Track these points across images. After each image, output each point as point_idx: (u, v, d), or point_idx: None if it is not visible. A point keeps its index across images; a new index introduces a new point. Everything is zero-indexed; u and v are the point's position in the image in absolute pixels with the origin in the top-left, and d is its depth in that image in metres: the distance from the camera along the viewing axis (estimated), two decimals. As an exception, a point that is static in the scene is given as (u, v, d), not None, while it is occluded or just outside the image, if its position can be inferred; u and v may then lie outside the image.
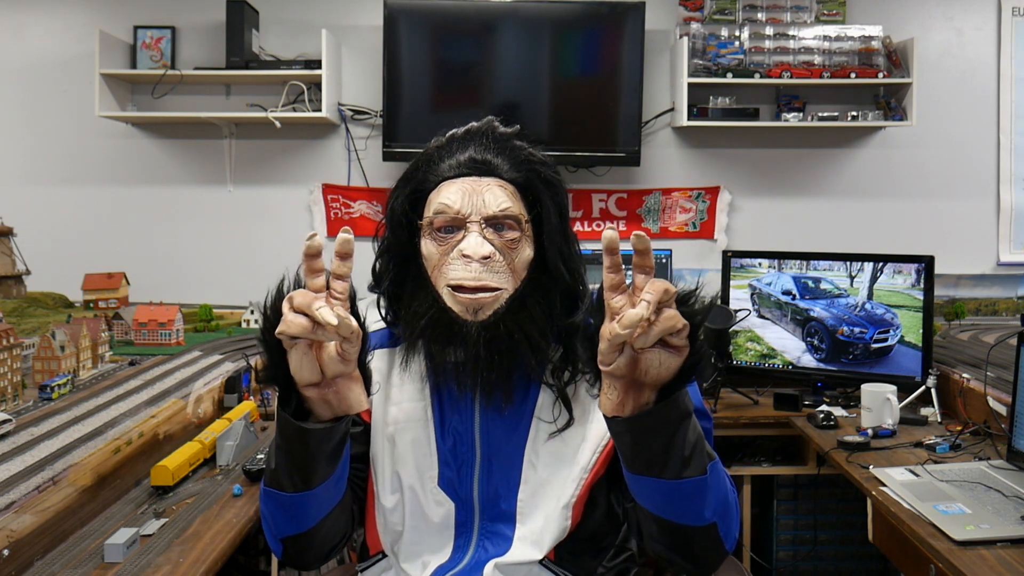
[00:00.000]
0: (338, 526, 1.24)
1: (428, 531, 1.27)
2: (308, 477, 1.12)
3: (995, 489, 1.82)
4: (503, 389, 1.20)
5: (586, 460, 1.24)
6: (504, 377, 1.20)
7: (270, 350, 1.06)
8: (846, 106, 3.40)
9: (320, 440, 1.08)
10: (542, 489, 1.24)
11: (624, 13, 3.30)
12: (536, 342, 1.20)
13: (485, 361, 1.18)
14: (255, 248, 3.53)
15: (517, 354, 1.19)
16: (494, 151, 1.24)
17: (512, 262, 1.20)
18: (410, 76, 3.32)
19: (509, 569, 1.23)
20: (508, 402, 1.22)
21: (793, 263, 2.81)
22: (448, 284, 1.19)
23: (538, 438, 1.25)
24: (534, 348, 1.20)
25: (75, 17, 3.47)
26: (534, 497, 1.24)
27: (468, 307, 1.18)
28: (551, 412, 1.25)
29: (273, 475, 1.15)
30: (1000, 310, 3.46)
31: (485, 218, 1.19)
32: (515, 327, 1.18)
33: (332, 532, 1.23)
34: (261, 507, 1.22)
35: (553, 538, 1.23)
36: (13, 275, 2.78)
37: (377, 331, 1.32)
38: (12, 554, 1.41)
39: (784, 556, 2.86)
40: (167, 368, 2.44)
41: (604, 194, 3.53)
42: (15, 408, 1.95)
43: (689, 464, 1.06)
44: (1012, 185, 3.54)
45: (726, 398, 2.76)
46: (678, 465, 1.05)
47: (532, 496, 1.25)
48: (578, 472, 1.23)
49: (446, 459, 1.26)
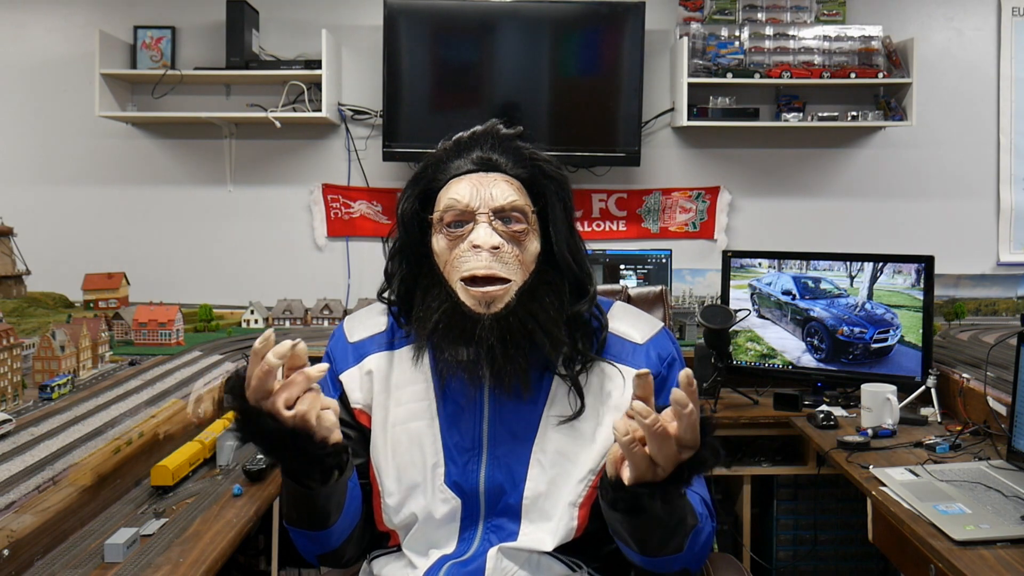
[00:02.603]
0: (365, 533, 1.33)
1: (433, 526, 1.28)
2: (324, 520, 1.23)
3: (995, 489, 1.82)
4: (520, 379, 1.22)
5: (594, 463, 1.25)
6: (520, 367, 1.22)
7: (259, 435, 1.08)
8: (846, 106, 3.40)
9: (327, 496, 1.19)
10: (549, 487, 1.25)
11: (624, 13, 3.30)
12: (549, 329, 1.23)
13: (500, 353, 1.20)
14: (255, 248, 3.54)
15: (532, 344, 1.22)
16: (499, 150, 1.29)
17: (521, 254, 1.24)
18: (410, 76, 3.32)
19: (513, 553, 1.25)
20: (527, 391, 1.24)
21: (793, 263, 2.81)
22: (461, 277, 1.22)
23: (547, 435, 1.26)
24: (548, 336, 1.22)
25: (75, 17, 3.48)
26: (540, 494, 1.25)
27: (480, 300, 1.21)
28: (563, 403, 1.27)
29: (291, 518, 1.25)
30: (1000, 310, 3.46)
31: (493, 210, 1.24)
32: (528, 317, 1.21)
33: (361, 538, 1.33)
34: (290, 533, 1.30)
35: (559, 537, 1.24)
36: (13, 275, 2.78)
37: (375, 335, 1.35)
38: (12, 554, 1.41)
39: (784, 556, 2.86)
40: (167, 368, 2.44)
41: (604, 194, 3.53)
42: (15, 408, 1.95)
43: (668, 544, 1.15)
44: (1012, 185, 3.54)
45: (726, 398, 2.75)
46: (656, 546, 1.15)
47: (538, 493, 1.25)
48: (585, 473, 1.25)
49: (452, 456, 1.27)
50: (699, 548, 1.20)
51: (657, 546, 1.15)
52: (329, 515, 1.22)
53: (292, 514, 1.24)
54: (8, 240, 2.76)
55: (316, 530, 1.24)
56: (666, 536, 1.14)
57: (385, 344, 1.34)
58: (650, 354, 1.31)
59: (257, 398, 1.05)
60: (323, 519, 1.22)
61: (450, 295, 1.23)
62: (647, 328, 1.35)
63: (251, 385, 1.04)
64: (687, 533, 1.16)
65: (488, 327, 1.20)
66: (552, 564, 1.26)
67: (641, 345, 1.32)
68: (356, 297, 3.49)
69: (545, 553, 1.25)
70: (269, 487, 1.87)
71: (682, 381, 0.98)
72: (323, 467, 1.12)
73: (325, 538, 1.26)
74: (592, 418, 1.27)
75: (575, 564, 1.27)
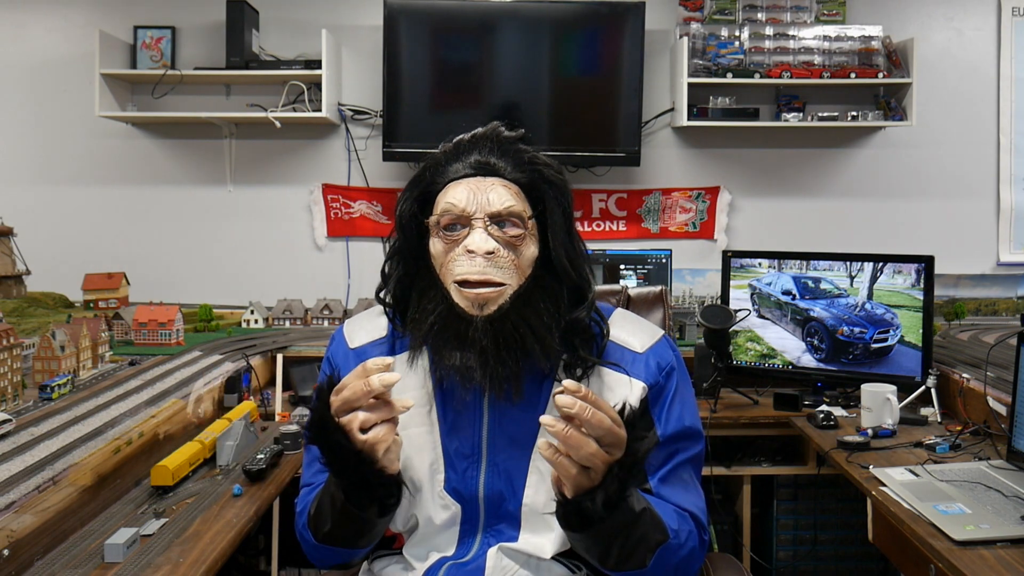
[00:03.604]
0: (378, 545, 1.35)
1: (434, 531, 1.28)
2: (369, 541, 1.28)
3: (995, 489, 1.82)
4: (512, 383, 1.22)
5: None
6: (513, 371, 1.21)
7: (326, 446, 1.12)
8: (846, 106, 3.40)
9: (385, 523, 1.24)
10: (548, 495, 1.24)
11: (624, 13, 3.30)
12: (542, 336, 1.22)
13: (493, 355, 1.19)
14: (255, 248, 3.54)
15: (524, 348, 1.21)
16: (498, 153, 1.28)
17: (517, 259, 1.23)
18: (410, 76, 3.32)
19: (513, 553, 1.25)
20: (519, 395, 1.23)
21: (793, 263, 2.81)
22: (454, 280, 1.22)
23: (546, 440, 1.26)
24: (540, 341, 1.22)
25: (75, 17, 3.48)
26: (539, 502, 1.25)
27: (474, 302, 1.21)
28: None
29: (331, 538, 1.25)
30: (1000, 310, 3.46)
31: (489, 215, 1.23)
32: (521, 322, 1.21)
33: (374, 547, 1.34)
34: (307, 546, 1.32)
35: (558, 545, 1.25)
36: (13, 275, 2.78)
37: (376, 340, 1.35)
38: (12, 554, 1.41)
39: (784, 556, 2.86)
40: (167, 368, 2.44)
41: (604, 194, 3.53)
42: (15, 408, 1.95)
43: (628, 560, 1.15)
44: (1012, 185, 3.54)
45: (726, 398, 2.75)
46: (615, 562, 1.15)
47: (537, 501, 1.25)
48: None
49: (452, 462, 1.27)
50: (675, 565, 1.19)
51: (618, 561, 1.15)
52: (376, 537, 1.27)
53: (334, 535, 1.24)
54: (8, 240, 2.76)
55: (352, 547, 1.27)
56: (626, 551, 1.13)
57: (386, 350, 1.33)
58: (649, 363, 1.30)
59: (339, 411, 1.08)
60: (369, 540, 1.26)
61: (445, 297, 1.23)
62: (647, 337, 1.34)
63: (342, 396, 1.08)
64: (650, 548, 1.15)
65: (480, 329, 1.19)
66: (552, 566, 1.26)
67: (641, 354, 1.31)
68: (356, 297, 3.49)
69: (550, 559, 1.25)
70: (269, 487, 1.87)
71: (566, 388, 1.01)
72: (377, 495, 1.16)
73: (357, 554, 1.30)
74: None
75: (575, 566, 1.27)
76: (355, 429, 1.08)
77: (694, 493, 1.28)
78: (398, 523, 1.30)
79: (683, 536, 1.20)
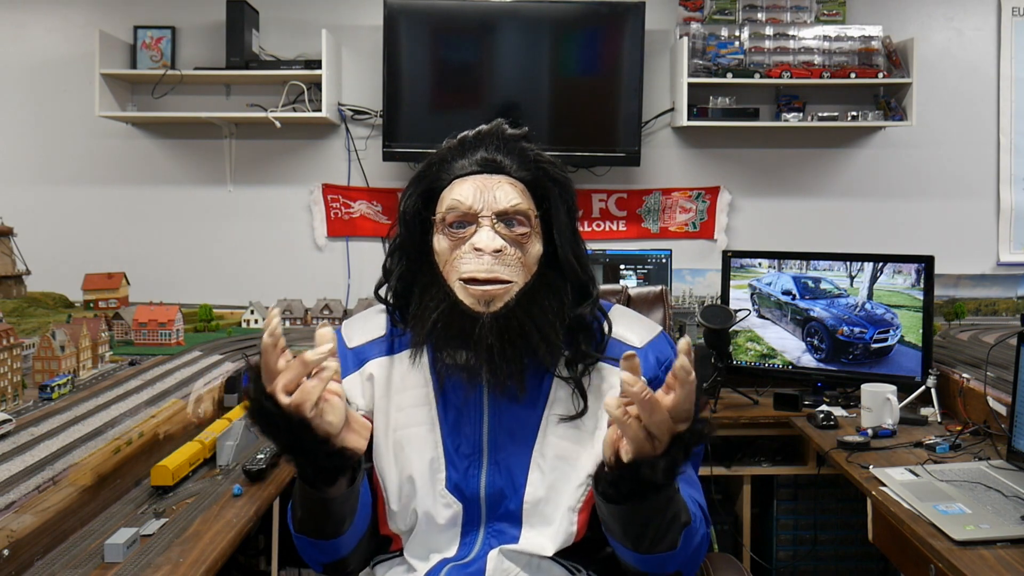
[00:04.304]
0: (372, 540, 1.32)
1: (435, 531, 1.28)
2: (336, 528, 1.22)
3: (995, 489, 1.82)
4: (516, 379, 1.22)
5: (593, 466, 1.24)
6: (517, 368, 1.21)
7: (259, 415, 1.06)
8: (846, 106, 3.40)
9: (342, 502, 1.18)
10: (549, 491, 1.25)
11: (624, 13, 3.30)
12: (547, 333, 1.22)
13: (498, 351, 1.19)
14: (255, 248, 3.54)
15: (529, 345, 1.21)
16: (504, 151, 1.28)
17: (523, 256, 1.24)
18: (410, 76, 3.32)
19: (514, 555, 1.25)
20: (522, 391, 1.23)
21: (793, 263, 2.81)
22: (460, 277, 1.22)
23: (547, 439, 1.26)
24: (545, 339, 1.22)
25: (75, 17, 3.47)
26: (540, 499, 1.25)
27: (480, 299, 1.20)
28: (565, 405, 1.26)
29: (302, 525, 1.23)
30: (1000, 310, 3.46)
31: (496, 213, 1.23)
32: (526, 319, 1.21)
33: (368, 546, 1.32)
34: (295, 541, 1.29)
35: (559, 542, 1.24)
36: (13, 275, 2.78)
37: (375, 339, 1.34)
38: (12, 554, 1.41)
39: (784, 556, 2.86)
40: (167, 368, 2.44)
41: (604, 194, 3.54)
42: (15, 408, 1.95)
43: (662, 541, 1.14)
44: (1012, 185, 3.54)
45: (726, 398, 2.75)
46: (648, 543, 1.14)
47: (538, 498, 1.25)
48: (584, 477, 1.24)
49: (453, 460, 1.27)
50: (693, 550, 1.19)
51: (652, 542, 1.13)
52: (342, 523, 1.21)
53: (304, 521, 1.22)
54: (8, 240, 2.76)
55: (327, 539, 1.23)
56: (661, 530, 1.12)
57: (385, 349, 1.33)
58: (648, 358, 1.30)
59: (265, 379, 1.04)
60: (335, 527, 1.21)
61: (448, 294, 1.22)
62: (645, 332, 1.34)
63: (264, 362, 1.03)
64: (681, 529, 1.14)
65: (487, 326, 1.19)
66: (552, 567, 1.26)
67: (640, 349, 1.31)
68: (356, 297, 3.49)
69: (546, 557, 1.25)
70: (269, 487, 1.87)
71: (682, 349, 0.98)
72: (325, 468, 1.10)
73: (335, 547, 1.25)
74: (591, 421, 1.26)
75: (575, 568, 1.27)
76: (278, 392, 1.02)
77: (695, 488, 1.28)
78: (398, 523, 1.29)
79: (698, 521, 1.20)
